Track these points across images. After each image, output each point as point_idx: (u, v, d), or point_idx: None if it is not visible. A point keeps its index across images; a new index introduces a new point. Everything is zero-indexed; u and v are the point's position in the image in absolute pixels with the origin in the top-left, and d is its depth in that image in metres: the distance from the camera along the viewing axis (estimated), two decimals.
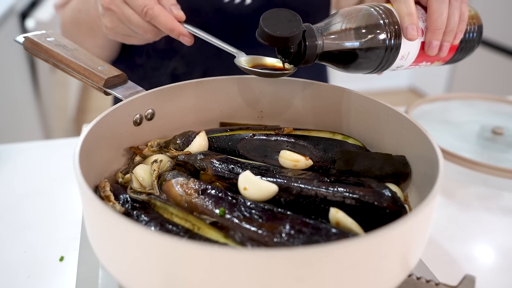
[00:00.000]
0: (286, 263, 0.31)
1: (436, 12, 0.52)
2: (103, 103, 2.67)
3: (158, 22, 0.58)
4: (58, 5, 0.85)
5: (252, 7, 0.80)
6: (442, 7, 0.52)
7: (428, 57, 0.56)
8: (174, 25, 0.58)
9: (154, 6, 0.57)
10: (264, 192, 0.45)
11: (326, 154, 0.53)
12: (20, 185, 0.71)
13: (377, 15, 0.51)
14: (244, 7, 0.80)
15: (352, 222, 0.42)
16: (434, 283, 0.44)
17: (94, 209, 0.37)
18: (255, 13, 0.81)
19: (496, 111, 0.93)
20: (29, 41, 0.58)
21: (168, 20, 0.58)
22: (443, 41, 0.54)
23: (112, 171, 0.54)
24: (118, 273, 0.38)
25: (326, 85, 0.60)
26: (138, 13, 0.58)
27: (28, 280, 0.53)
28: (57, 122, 2.02)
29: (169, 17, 0.58)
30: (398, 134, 0.53)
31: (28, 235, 0.60)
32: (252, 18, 0.81)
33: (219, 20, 0.80)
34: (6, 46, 1.49)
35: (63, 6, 0.84)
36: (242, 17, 0.80)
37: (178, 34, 0.59)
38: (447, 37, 0.54)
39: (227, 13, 0.80)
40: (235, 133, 0.57)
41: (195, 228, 0.42)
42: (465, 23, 0.55)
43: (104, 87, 0.55)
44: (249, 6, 0.80)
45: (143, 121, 0.57)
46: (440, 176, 0.41)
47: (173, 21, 0.58)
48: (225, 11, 0.79)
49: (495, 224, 0.66)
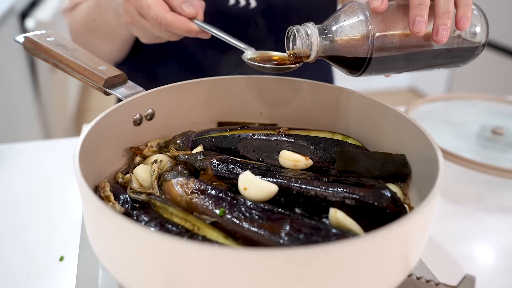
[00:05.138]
0: (286, 263, 0.31)
1: None
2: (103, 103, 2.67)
3: (173, 29, 0.60)
4: (65, 9, 0.86)
5: (257, 10, 0.80)
6: None
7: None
8: (189, 27, 0.60)
9: (165, 15, 0.59)
10: (264, 192, 0.45)
11: (326, 154, 0.53)
12: (20, 185, 0.71)
13: (357, 8, 0.50)
14: (248, 11, 0.80)
15: (352, 222, 0.42)
16: (434, 283, 0.44)
17: (94, 209, 0.37)
18: (259, 16, 0.81)
19: (496, 111, 0.93)
20: (29, 41, 0.58)
21: (182, 25, 0.60)
22: (437, 25, 0.48)
23: (112, 171, 0.54)
24: (118, 273, 0.38)
25: (326, 85, 0.60)
26: (154, 25, 0.61)
27: (28, 280, 0.53)
28: (57, 122, 2.02)
29: (182, 22, 0.60)
30: (398, 134, 0.53)
31: (28, 235, 0.60)
32: (256, 21, 0.81)
33: (223, 23, 0.80)
34: (6, 46, 1.49)
35: (71, 10, 0.85)
36: (246, 20, 0.80)
37: (195, 34, 0.61)
38: (441, 20, 0.48)
39: (232, 16, 0.80)
40: (234, 133, 0.57)
41: (195, 228, 0.42)
42: (467, 8, 0.49)
43: (104, 87, 0.55)
44: (254, 9, 0.80)
45: (143, 121, 0.57)
46: (440, 176, 0.41)
47: (186, 24, 0.60)
48: (230, 14, 0.79)
49: (495, 224, 0.66)
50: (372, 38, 0.49)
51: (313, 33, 0.50)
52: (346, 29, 0.50)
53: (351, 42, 0.50)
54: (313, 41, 0.50)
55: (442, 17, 0.48)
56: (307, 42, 0.50)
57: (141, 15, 0.62)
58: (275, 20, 0.82)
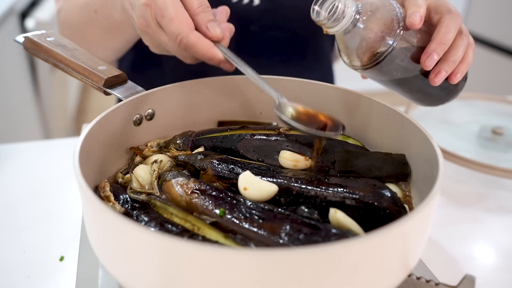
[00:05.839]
0: (286, 263, 0.31)
1: (447, 27, 0.51)
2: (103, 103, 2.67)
3: (195, 52, 0.52)
4: None
5: (260, 8, 0.80)
6: (451, 25, 0.51)
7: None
8: (212, 54, 0.52)
9: (188, 34, 0.51)
10: (264, 192, 0.45)
11: (326, 154, 0.53)
12: (20, 185, 0.71)
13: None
14: (252, 8, 0.79)
15: (352, 222, 0.42)
16: (434, 283, 0.43)
17: (94, 209, 0.37)
18: (262, 14, 0.80)
19: (496, 111, 0.93)
20: (29, 41, 0.58)
21: (205, 49, 0.52)
22: (441, 69, 0.52)
23: (112, 171, 0.54)
24: (118, 273, 0.38)
25: (326, 85, 0.60)
26: (172, 41, 0.53)
27: (28, 280, 0.53)
28: (57, 122, 2.02)
29: (207, 46, 0.52)
30: (398, 134, 0.53)
31: (28, 235, 0.60)
32: (259, 19, 0.81)
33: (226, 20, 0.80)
34: (6, 46, 1.48)
35: None
36: (249, 18, 0.80)
37: (218, 62, 0.53)
38: (446, 66, 0.52)
39: (235, 14, 0.79)
40: (234, 133, 0.57)
41: (195, 228, 0.42)
42: (466, 67, 0.54)
43: (104, 87, 0.55)
44: (257, 7, 0.80)
45: (143, 121, 0.57)
46: (440, 176, 0.41)
47: (210, 49, 0.52)
48: (233, 11, 0.79)
49: (495, 224, 0.66)
50: (396, 38, 0.51)
51: (349, 7, 0.49)
52: (378, 21, 0.50)
53: (379, 33, 0.51)
54: (346, 16, 0.49)
55: (448, 64, 0.53)
56: (340, 13, 0.49)
57: (159, 26, 0.53)
58: (278, 19, 0.82)
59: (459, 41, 0.53)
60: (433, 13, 0.54)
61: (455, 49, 0.53)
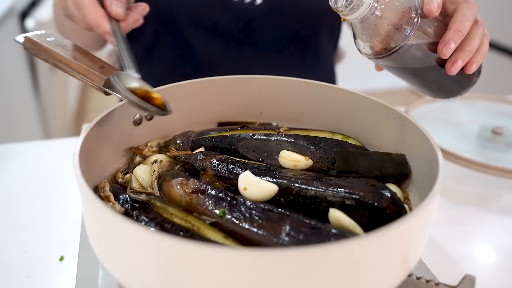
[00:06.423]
0: (286, 263, 0.31)
1: (464, 15, 0.51)
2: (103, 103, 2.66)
3: (84, 14, 0.55)
4: None
5: (262, 7, 0.80)
6: (468, 14, 0.51)
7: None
8: (101, 22, 0.54)
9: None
10: (264, 192, 0.45)
11: (326, 154, 0.53)
12: (20, 185, 0.71)
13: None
14: (254, 7, 0.79)
15: (351, 222, 0.42)
16: (434, 283, 0.43)
17: (94, 209, 0.37)
18: (264, 13, 0.80)
19: (496, 111, 0.93)
20: (29, 41, 0.58)
21: (96, 16, 0.54)
22: (458, 58, 0.52)
23: (112, 171, 0.54)
24: (118, 273, 0.38)
25: (326, 85, 0.60)
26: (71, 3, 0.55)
27: (28, 280, 0.53)
28: (57, 122, 2.02)
29: (98, 13, 0.54)
30: (398, 134, 0.53)
31: (28, 235, 0.60)
32: (261, 18, 0.81)
33: (228, 18, 0.80)
34: (6, 46, 1.48)
35: None
36: (251, 16, 0.80)
37: (103, 32, 0.55)
38: (463, 55, 0.52)
39: (237, 12, 0.79)
40: (234, 133, 0.57)
41: (195, 228, 0.42)
42: (482, 56, 0.54)
43: (104, 87, 0.55)
44: (259, 6, 0.80)
45: (143, 121, 0.57)
46: (440, 176, 0.41)
47: (101, 17, 0.54)
48: (235, 10, 0.79)
49: (495, 224, 0.66)
50: (414, 27, 0.50)
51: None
52: (396, 9, 0.50)
53: (396, 22, 0.50)
54: (364, 3, 0.49)
55: (464, 53, 0.52)
56: (358, 1, 0.49)
57: None
58: (280, 18, 0.82)
59: (475, 31, 0.53)
60: (448, 3, 0.54)
61: (471, 38, 0.52)
